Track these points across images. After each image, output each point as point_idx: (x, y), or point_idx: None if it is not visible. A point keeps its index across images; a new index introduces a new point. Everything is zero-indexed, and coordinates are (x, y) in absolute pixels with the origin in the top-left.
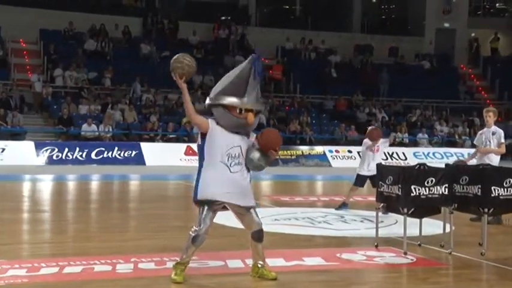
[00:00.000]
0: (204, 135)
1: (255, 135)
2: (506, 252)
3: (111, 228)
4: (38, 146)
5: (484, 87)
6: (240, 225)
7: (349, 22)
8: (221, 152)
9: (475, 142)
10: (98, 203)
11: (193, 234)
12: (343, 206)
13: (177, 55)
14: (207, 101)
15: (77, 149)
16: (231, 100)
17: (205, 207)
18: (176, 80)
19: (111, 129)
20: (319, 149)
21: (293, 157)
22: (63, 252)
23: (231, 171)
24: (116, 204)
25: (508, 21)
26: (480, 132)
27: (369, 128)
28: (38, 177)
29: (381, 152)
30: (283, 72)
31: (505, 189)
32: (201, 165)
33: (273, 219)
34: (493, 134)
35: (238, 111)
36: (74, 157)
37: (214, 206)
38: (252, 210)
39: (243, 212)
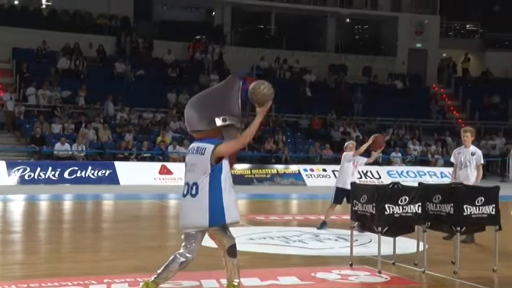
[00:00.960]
0: (218, 160)
1: None
2: (479, 270)
3: (84, 248)
4: (10, 166)
5: (456, 106)
6: (214, 245)
7: (323, 42)
8: (230, 173)
9: (452, 160)
10: (71, 223)
11: (182, 259)
12: (323, 224)
13: (261, 83)
14: (220, 122)
15: (50, 168)
16: (236, 120)
17: (196, 234)
18: (265, 108)
19: (84, 149)
20: (294, 168)
21: (268, 176)
22: (35, 273)
23: (235, 191)
24: (89, 224)
25: (478, 42)
26: (457, 151)
27: (374, 135)
28: (9, 198)
29: (358, 168)
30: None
31: (477, 208)
32: (217, 189)
33: (248, 239)
34: (473, 154)
35: (237, 130)
36: (47, 176)
37: (204, 231)
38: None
39: (220, 229)
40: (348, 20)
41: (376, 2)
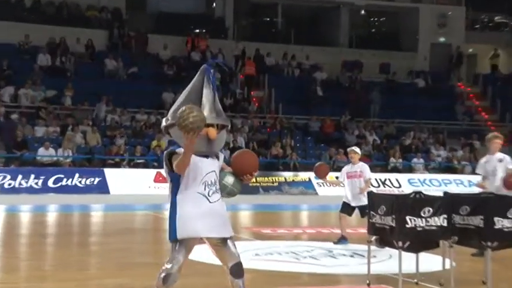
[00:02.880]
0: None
1: (223, 155)
2: None
3: (70, 265)
4: None
5: (484, 107)
6: (217, 261)
7: (336, 36)
8: (197, 182)
9: (478, 172)
10: (56, 237)
11: (163, 274)
12: (341, 240)
13: (190, 109)
14: (163, 122)
15: (32, 176)
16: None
17: (179, 243)
18: (188, 138)
19: (71, 154)
20: (304, 176)
21: (275, 184)
22: None
23: (210, 202)
24: (76, 239)
25: (508, 36)
26: (484, 160)
27: (316, 164)
28: None
29: (366, 174)
30: (256, 69)
31: (510, 221)
32: (174, 200)
33: (253, 254)
34: (500, 161)
35: None
36: (29, 185)
37: (190, 241)
38: (229, 242)
39: (220, 244)
40: (363, 12)
41: None
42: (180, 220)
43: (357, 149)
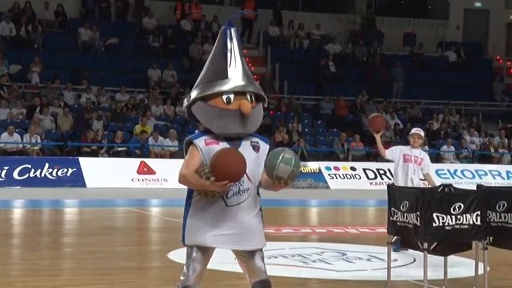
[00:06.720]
0: None
1: (267, 147)
2: None
3: (40, 270)
4: None
5: None
6: (240, 269)
7: (352, 1)
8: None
9: None
10: (22, 238)
11: (180, 286)
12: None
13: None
14: (184, 102)
15: None
16: (210, 88)
17: (195, 249)
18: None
19: (39, 140)
20: (313, 166)
21: None
22: None
23: (227, 205)
24: (47, 239)
25: None
26: None
27: (371, 115)
28: None
29: (426, 166)
30: (255, 9)
31: None
32: (189, 198)
33: None
34: None
35: (225, 100)
36: None
37: (207, 248)
38: (256, 254)
39: (245, 254)
40: None
41: None
42: (190, 224)
43: (422, 133)
